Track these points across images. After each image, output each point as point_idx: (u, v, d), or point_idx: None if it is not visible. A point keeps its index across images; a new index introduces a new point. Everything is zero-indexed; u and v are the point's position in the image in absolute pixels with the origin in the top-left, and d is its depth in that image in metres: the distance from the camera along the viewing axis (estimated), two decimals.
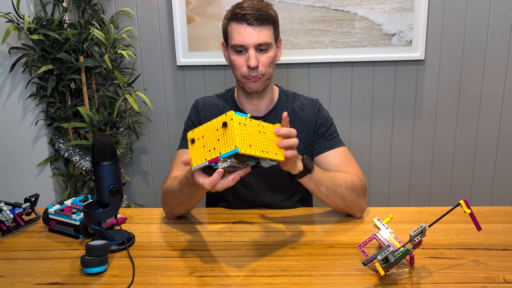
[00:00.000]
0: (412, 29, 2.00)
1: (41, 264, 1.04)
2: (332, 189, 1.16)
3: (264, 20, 1.25)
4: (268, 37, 1.26)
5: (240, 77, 1.30)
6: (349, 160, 1.31)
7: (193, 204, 1.22)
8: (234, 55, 1.29)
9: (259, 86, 1.30)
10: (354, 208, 1.22)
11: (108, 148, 1.06)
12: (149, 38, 2.11)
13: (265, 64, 1.27)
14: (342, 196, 1.18)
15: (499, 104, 2.08)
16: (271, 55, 1.28)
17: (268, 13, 1.26)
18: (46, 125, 2.02)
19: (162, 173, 2.25)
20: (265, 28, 1.26)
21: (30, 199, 1.26)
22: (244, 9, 1.24)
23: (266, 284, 0.94)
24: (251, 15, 1.23)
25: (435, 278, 0.94)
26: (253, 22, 1.24)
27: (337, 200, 1.19)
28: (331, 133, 1.36)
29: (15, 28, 1.82)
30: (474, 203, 2.16)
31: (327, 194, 1.17)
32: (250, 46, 1.25)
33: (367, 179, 2.23)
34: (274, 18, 1.29)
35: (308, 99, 1.41)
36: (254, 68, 1.26)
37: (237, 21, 1.26)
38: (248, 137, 0.92)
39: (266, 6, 1.28)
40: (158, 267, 1.02)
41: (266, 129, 0.98)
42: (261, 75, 1.28)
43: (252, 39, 1.24)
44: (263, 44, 1.25)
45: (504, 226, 1.18)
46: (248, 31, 1.24)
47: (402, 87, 2.09)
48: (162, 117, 2.19)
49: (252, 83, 1.29)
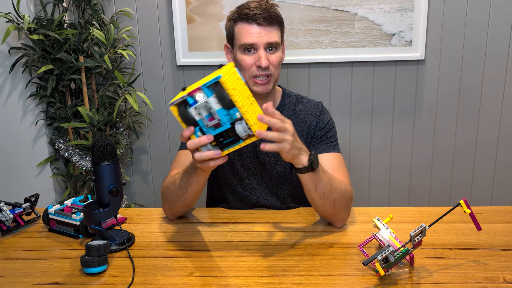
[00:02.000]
0: (412, 29, 2.00)
1: (41, 264, 1.04)
2: (328, 191, 1.12)
3: (273, 20, 1.25)
4: (277, 37, 1.27)
5: (247, 78, 1.28)
6: (341, 168, 1.29)
7: (190, 196, 1.17)
8: (243, 55, 1.27)
9: (269, 88, 1.28)
10: (339, 216, 1.18)
11: (108, 148, 1.06)
12: (149, 38, 2.11)
13: (275, 64, 1.27)
14: (335, 201, 1.14)
15: (499, 104, 2.08)
16: (280, 55, 1.28)
17: (276, 13, 1.27)
18: (46, 125, 2.02)
19: (162, 173, 2.25)
20: (274, 28, 1.26)
21: (30, 199, 1.26)
22: (253, 9, 1.24)
23: (266, 284, 0.94)
24: (261, 15, 1.23)
25: (435, 278, 0.94)
26: (263, 22, 1.24)
27: (328, 204, 1.14)
28: (329, 137, 1.34)
29: (15, 28, 1.82)
30: (474, 203, 2.16)
31: (321, 196, 1.12)
32: (260, 45, 1.24)
33: (367, 179, 2.25)
34: (281, 19, 1.29)
35: (311, 101, 1.40)
36: (265, 68, 1.25)
37: (246, 21, 1.25)
38: (235, 85, 0.91)
39: (273, 6, 1.28)
40: (158, 267, 1.02)
41: (255, 105, 0.96)
42: (271, 75, 1.27)
43: (262, 38, 1.24)
44: (273, 43, 1.25)
45: (504, 226, 1.18)
46: (258, 30, 1.24)
47: (402, 87, 2.09)
48: (162, 117, 2.19)
49: (260, 86, 1.27)
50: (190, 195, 1.17)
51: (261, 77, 1.26)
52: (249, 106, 0.93)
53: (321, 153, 1.31)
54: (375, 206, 2.21)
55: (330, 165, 1.28)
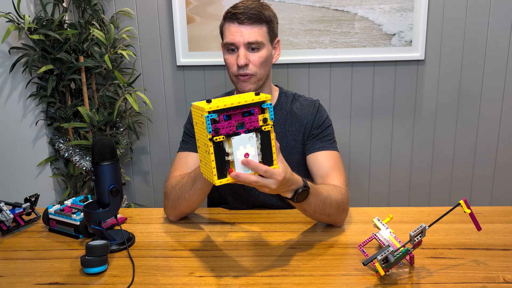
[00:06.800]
0: (412, 29, 2.00)
1: (41, 264, 1.04)
2: (321, 209, 1.12)
3: (255, 19, 1.25)
4: (260, 36, 1.26)
5: (232, 76, 1.31)
6: (338, 166, 1.29)
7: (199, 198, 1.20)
8: (227, 54, 1.29)
9: (250, 87, 1.29)
10: (336, 221, 1.19)
11: (108, 148, 1.06)
12: (149, 38, 2.11)
13: (256, 64, 1.27)
14: (329, 213, 1.14)
15: (499, 104, 2.08)
16: (263, 54, 1.27)
17: (261, 12, 1.26)
18: (46, 125, 2.02)
19: (162, 173, 2.25)
20: (256, 27, 1.25)
21: (30, 199, 1.26)
22: (237, 8, 1.25)
23: (266, 284, 0.94)
24: (243, 14, 1.24)
25: (435, 278, 0.94)
26: (244, 21, 1.24)
27: (322, 217, 1.16)
28: (326, 135, 1.34)
29: (16, 28, 1.82)
30: (474, 203, 2.16)
31: (312, 214, 1.13)
32: (240, 44, 1.25)
33: (367, 179, 2.25)
34: (268, 18, 1.28)
35: (308, 100, 1.41)
36: (243, 67, 1.26)
37: (229, 20, 1.27)
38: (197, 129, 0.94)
39: (261, 6, 1.28)
40: (158, 267, 1.02)
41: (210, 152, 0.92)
42: (251, 74, 1.27)
43: (242, 37, 1.24)
44: (253, 42, 1.25)
45: (504, 226, 1.18)
46: (238, 29, 1.25)
47: (402, 87, 2.09)
48: (162, 117, 2.19)
49: (242, 83, 1.28)
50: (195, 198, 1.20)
51: (241, 76, 1.27)
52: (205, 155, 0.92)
53: (318, 151, 1.31)
54: (375, 206, 2.21)
55: (327, 165, 1.28)
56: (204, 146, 0.92)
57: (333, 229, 1.18)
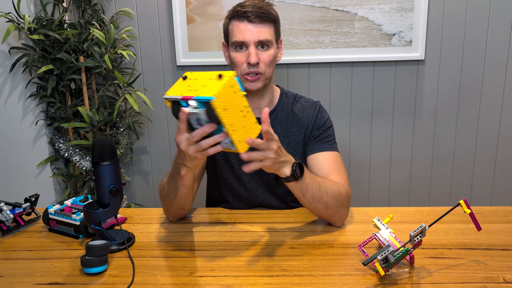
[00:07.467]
0: (412, 29, 2.00)
1: (41, 264, 1.04)
2: (318, 196, 1.12)
3: (265, 18, 1.25)
4: (269, 35, 1.27)
5: (239, 75, 1.30)
6: (338, 167, 1.29)
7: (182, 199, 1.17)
8: (235, 52, 1.28)
9: (259, 86, 1.29)
10: (335, 217, 1.18)
11: (108, 148, 1.06)
12: (149, 38, 2.11)
13: (266, 62, 1.27)
14: (327, 204, 1.14)
15: (499, 104, 2.08)
16: (271, 53, 1.28)
17: (269, 11, 1.27)
18: (46, 125, 2.02)
19: (162, 173, 2.25)
20: (266, 25, 1.26)
21: (30, 199, 1.26)
22: (246, 7, 1.25)
23: (266, 284, 0.94)
24: (252, 12, 1.24)
25: (435, 278, 0.94)
26: (254, 20, 1.24)
27: (320, 207, 1.15)
28: (326, 136, 1.34)
29: (16, 28, 1.82)
30: (474, 203, 2.16)
31: (311, 201, 1.13)
32: (251, 43, 1.25)
33: (367, 179, 2.25)
34: (275, 17, 1.30)
35: (309, 101, 1.40)
36: (254, 65, 1.25)
37: (238, 19, 1.26)
38: (229, 103, 0.91)
39: (268, 5, 1.28)
40: (158, 267, 1.02)
41: (248, 117, 0.96)
42: (261, 73, 1.27)
43: (253, 36, 1.25)
44: (264, 41, 1.25)
45: (504, 226, 1.18)
46: (249, 28, 1.25)
47: (402, 87, 2.09)
48: (162, 117, 2.19)
49: (251, 83, 1.28)
50: (181, 198, 1.17)
51: (251, 74, 1.27)
52: (239, 123, 0.94)
53: (319, 151, 1.31)
54: (375, 206, 2.21)
55: (328, 165, 1.28)
56: (239, 112, 0.94)
57: (333, 229, 1.18)
